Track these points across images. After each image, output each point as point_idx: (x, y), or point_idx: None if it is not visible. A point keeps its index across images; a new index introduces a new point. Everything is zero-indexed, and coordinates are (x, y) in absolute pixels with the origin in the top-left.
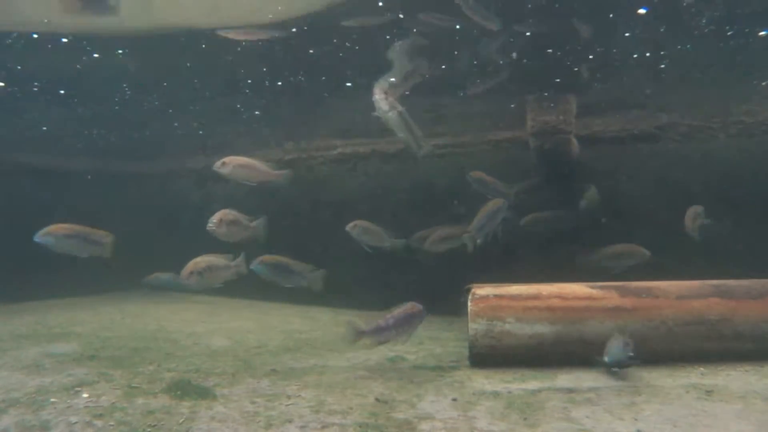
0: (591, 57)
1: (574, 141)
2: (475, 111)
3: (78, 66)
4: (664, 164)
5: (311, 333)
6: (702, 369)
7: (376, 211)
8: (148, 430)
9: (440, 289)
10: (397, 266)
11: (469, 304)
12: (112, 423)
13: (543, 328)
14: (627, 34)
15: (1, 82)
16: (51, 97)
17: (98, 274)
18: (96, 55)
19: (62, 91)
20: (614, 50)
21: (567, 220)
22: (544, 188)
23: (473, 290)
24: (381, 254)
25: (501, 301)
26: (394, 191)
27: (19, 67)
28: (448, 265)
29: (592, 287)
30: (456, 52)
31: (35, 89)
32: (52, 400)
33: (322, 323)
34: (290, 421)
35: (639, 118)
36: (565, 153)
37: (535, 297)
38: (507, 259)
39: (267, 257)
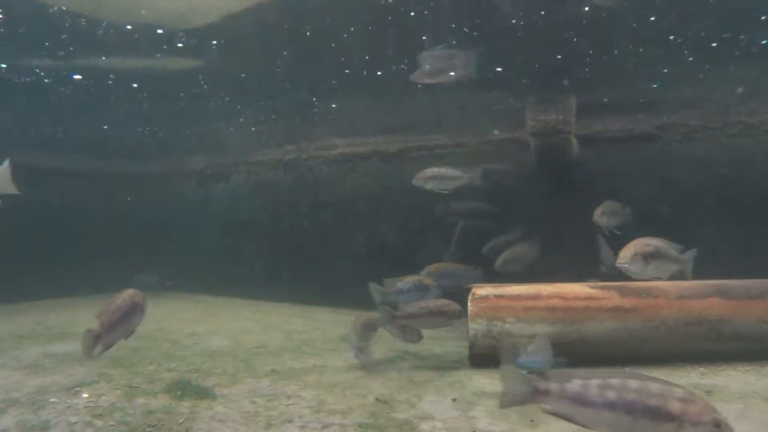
0: None
1: (574, 141)
2: (475, 110)
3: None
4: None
5: (311, 333)
6: (702, 369)
7: (375, 211)
8: (148, 430)
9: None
10: (397, 266)
11: (468, 304)
12: (112, 423)
13: (543, 328)
14: None
15: (79, 75)
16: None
17: (98, 274)
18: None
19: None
20: None
21: None
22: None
23: (473, 290)
24: (381, 254)
25: (501, 302)
26: (394, 191)
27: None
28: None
29: (593, 287)
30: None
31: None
32: (52, 400)
33: (322, 323)
34: (290, 421)
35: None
36: (564, 153)
37: (535, 297)
38: None
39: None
